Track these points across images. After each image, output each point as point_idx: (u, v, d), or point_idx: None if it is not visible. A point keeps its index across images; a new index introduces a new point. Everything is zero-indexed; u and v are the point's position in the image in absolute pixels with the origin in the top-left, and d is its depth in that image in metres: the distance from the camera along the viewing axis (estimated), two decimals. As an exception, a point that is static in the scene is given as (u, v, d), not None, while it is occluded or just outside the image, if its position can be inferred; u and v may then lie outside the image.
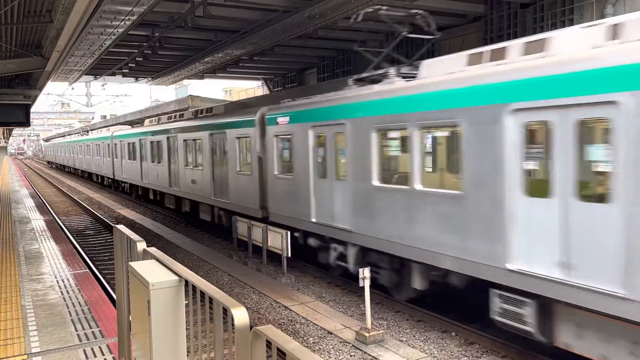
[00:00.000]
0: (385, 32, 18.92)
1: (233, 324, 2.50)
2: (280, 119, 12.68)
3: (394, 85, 9.41)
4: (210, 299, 2.87)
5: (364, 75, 10.77)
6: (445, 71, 8.40)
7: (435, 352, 7.81)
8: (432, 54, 17.23)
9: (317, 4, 14.01)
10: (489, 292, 7.35)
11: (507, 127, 6.85)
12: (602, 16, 12.17)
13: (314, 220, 11.36)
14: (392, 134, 9.54)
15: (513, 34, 14.58)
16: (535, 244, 6.57)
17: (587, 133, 6.11)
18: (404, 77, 9.64)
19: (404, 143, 9.16)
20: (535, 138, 6.79)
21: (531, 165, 6.78)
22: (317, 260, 11.95)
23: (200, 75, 25.84)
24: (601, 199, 5.95)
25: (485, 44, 14.95)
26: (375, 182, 9.51)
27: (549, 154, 6.40)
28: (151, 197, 24.86)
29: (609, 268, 5.78)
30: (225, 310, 2.65)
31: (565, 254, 6.21)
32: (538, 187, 6.61)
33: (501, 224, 6.96)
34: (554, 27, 13.17)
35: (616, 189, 5.69)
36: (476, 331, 8.20)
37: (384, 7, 11.05)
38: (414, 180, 8.57)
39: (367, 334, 8.03)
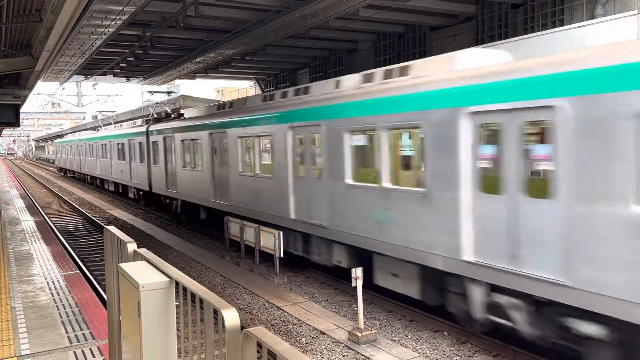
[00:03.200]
0: (377, 33, 18.94)
1: (224, 326, 2.48)
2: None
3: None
4: (201, 300, 2.86)
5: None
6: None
7: (428, 352, 7.82)
8: (424, 54, 17.29)
9: (309, 4, 14.00)
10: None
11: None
12: (593, 16, 12.25)
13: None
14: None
15: (504, 34, 14.65)
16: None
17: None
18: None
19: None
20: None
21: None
22: (308, 260, 11.94)
23: (192, 75, 25.75)
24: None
25: (477, 44, 15.01)
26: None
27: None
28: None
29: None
30: (216, 312, 2.64)
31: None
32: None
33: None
34: (544, 27, 13.25)
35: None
36: (469, 331, 8.22)
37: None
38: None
39: (359, 334, 8.03)
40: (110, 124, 45.66)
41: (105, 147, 31.21)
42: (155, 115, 25.08)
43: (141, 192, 24.98)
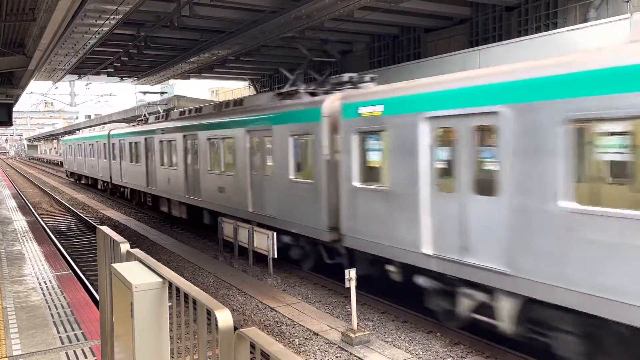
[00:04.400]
0: (372, 34, 18.99)
1: (217, 326, 2.48)
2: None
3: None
4: (194, 301, 2.85)
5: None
6: None
7: (421, 353, 7.84)
8: (418, 55, 17.31)
9: (304, 4, 14.01)
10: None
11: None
12: (586, 20, 12.34)
13: None
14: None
15: (498, 36, 14.72)
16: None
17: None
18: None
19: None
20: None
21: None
22: (301, 260, 11.97)
23: (186, 75, 25.70)
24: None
25: (471, 46, 15.09)
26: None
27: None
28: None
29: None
30: (209, 312, 2.63)
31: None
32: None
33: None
34: (538, 30, 13.33)
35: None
36: (461, 332, 8.25)
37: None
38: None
39: (353, 335, 8.04)
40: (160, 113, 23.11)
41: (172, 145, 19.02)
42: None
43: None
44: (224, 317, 2.47)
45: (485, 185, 7.13)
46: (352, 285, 8.19)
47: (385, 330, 8.79)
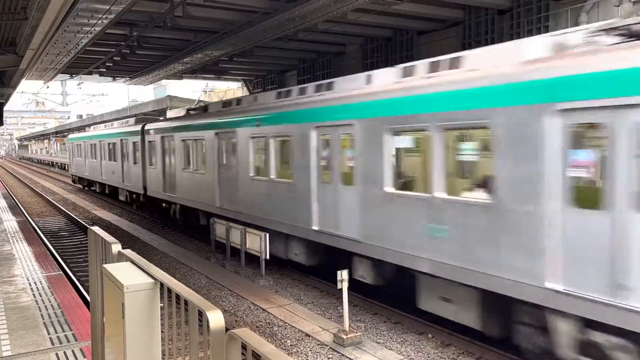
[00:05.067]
0: (365, 36, 19.01)
1: (208, 327, 2.48)
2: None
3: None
4: (186, 302, 2.85)
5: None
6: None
7: (412, 354, 7.86)
8: (411, 58, 17.37)
9: (298, 6, 14.01)
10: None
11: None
12: (577, 23, 12.43)
13: None
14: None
15: (490, 39, 14.79)
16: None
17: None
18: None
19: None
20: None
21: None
22: (292, 261, 11.99)
23: (179, 76, 25.60)
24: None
25: (464, 48, 15.14)
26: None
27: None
28: None
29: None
30: (201, 313, 2.63)
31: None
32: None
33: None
34: (529, 33, 13.41)
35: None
36: (453, 333, 8.29)
37: None
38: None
39: (344, 336, 8.05)
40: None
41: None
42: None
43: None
44: (216, 318, 2.47)
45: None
46: (344, 286, 8.20)
47: (377, 331, 8.80)
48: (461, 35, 15.99)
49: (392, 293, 9.83)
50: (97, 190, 30.54)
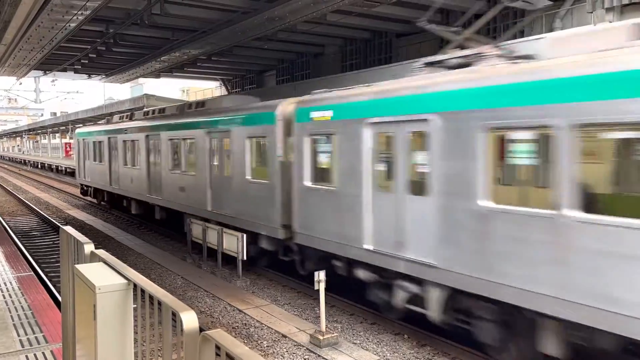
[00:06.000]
0: (345, 37, 19.08)
1: (182, 328, 2.45)
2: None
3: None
4: (160, 303, 2.81)
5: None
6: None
7: (388, 355, 7.90)
8: (390, 60, 17.50)
9: (277, 6, 13.99)
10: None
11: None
12: (552, 29, 12.68)
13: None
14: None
15: (468, 43, 14.96)
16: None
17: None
18: None
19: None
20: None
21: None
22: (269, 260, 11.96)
23: (157, 74, 25.33)
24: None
25: (442, 51, 15.30)
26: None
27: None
28: None
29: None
30: (175, 315, 2.60)
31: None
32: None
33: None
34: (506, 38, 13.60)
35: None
36: (428, 334, 8.36)
37: None
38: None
39: (321, 337, 8.05)
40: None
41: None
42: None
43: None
44: (189, 319, 2.44)
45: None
46: (321, 287, 8.20)
47: (353, 332, 8.83)
48: (439, 38, 16.16)
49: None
50: (134, 212, 19.75)
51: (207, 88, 40.53)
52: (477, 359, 7.59)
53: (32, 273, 10.23)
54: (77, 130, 26.14)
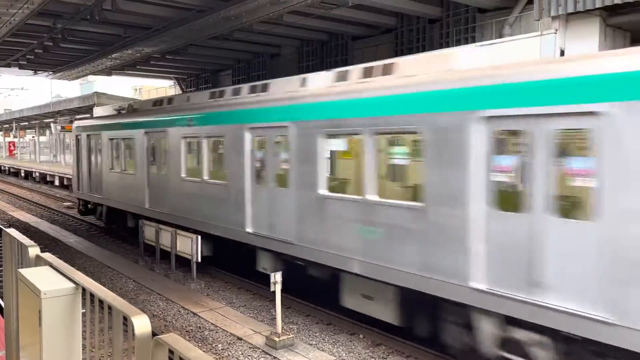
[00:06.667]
0: (301, 39, 19.10)
1: (134, 333, 2.39)
2: None
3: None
4: (110, 308, 2.73)
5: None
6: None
7: (344, 355, 7.95)
8: (346, 62, 17.64)
9: (233, 5, 13.85)
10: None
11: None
12: (501, 35, 13.10)
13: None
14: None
15: (422, 47, 15.29)
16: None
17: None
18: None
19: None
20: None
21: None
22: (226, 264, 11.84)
23: (108, 72, 24.59)
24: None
25: (397, 55, 15.56)
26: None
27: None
28: None
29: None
30: (127, 319, 2.53)
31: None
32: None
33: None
34: (458, 43, 13.98)
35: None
36: (383, 333, 8.46)
37: None
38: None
39: (277, 339, 8.02)
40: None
41: None
42: None
43: None
44: (141, 323, 2.38)
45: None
46: (277, 288, 8.17)
47: (309, 333, 8.84)
48: (394, 42, 16.42)
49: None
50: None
51: (160, 87, 39.67)
52: (430, 357, 7.75)
53: (-28, 278, 9.71)
54: (78, 124, 19.56)
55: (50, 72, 25.48)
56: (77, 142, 19.35)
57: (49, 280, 3.24)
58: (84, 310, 3.21)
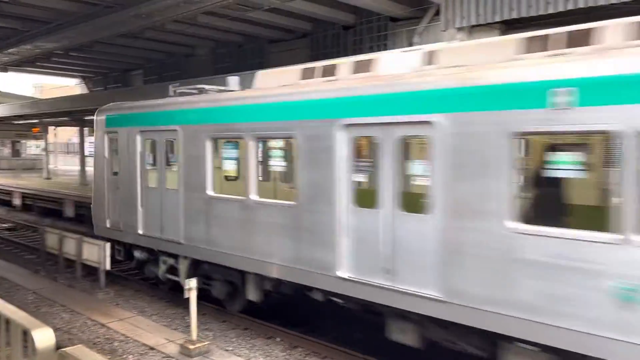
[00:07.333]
0: (216, 40, 18.81)
1: (34, 347, 2.23)
2: None
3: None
4: (8, 322, 2.53)
5: None
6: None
7: (261, 359, 7.91)
8: (262, 65, 17.61)
9: (144, 3, 13.36)
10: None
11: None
12: (411, 44, 13.70)
13: None
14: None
15: (336, 52, 15.61)
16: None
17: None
18: None
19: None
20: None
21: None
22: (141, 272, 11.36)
23: (3, 68, 22.80)
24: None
25: (313, 59, 15.78)
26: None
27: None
28: None
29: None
30: (26, 332, 2.36)
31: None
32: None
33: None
34: (371, 50, 14.43)
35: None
36: (301, 335, 8.52)
37: None
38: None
39: (191, 347, 7.81)
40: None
41: None
42: None
43: None
44: (43, 337, 2.23)
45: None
46: (192, 295, 7.96)
47: (226, 339, 8.70)
48: (310, 46, 16.64)
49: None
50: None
51: (64, 85, 37.32)
52: (346, 357, 7.90)
53: None
54: (107, 115, 11.56)
55: None
56: (110, 146, 11.66)
57: None
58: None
